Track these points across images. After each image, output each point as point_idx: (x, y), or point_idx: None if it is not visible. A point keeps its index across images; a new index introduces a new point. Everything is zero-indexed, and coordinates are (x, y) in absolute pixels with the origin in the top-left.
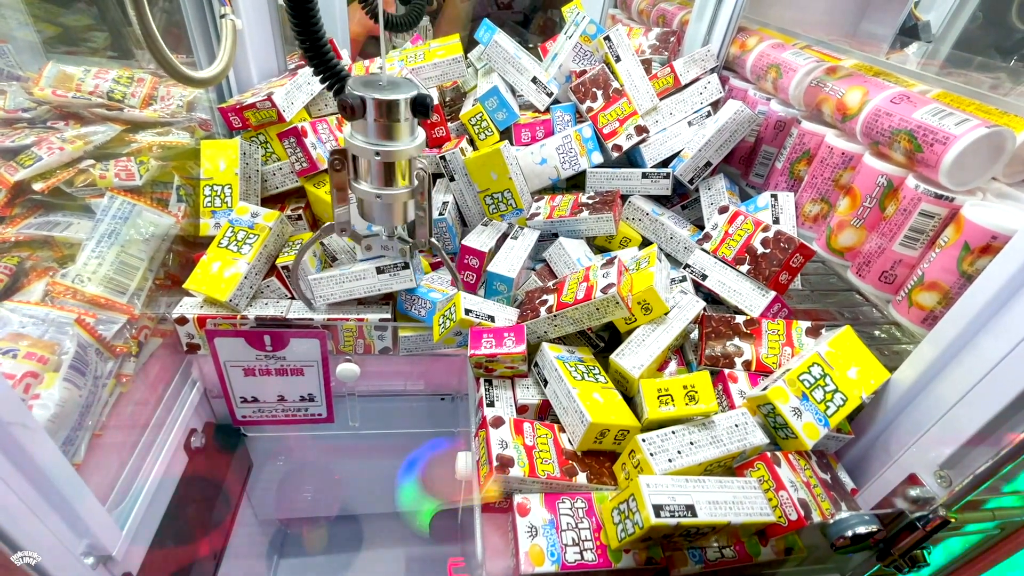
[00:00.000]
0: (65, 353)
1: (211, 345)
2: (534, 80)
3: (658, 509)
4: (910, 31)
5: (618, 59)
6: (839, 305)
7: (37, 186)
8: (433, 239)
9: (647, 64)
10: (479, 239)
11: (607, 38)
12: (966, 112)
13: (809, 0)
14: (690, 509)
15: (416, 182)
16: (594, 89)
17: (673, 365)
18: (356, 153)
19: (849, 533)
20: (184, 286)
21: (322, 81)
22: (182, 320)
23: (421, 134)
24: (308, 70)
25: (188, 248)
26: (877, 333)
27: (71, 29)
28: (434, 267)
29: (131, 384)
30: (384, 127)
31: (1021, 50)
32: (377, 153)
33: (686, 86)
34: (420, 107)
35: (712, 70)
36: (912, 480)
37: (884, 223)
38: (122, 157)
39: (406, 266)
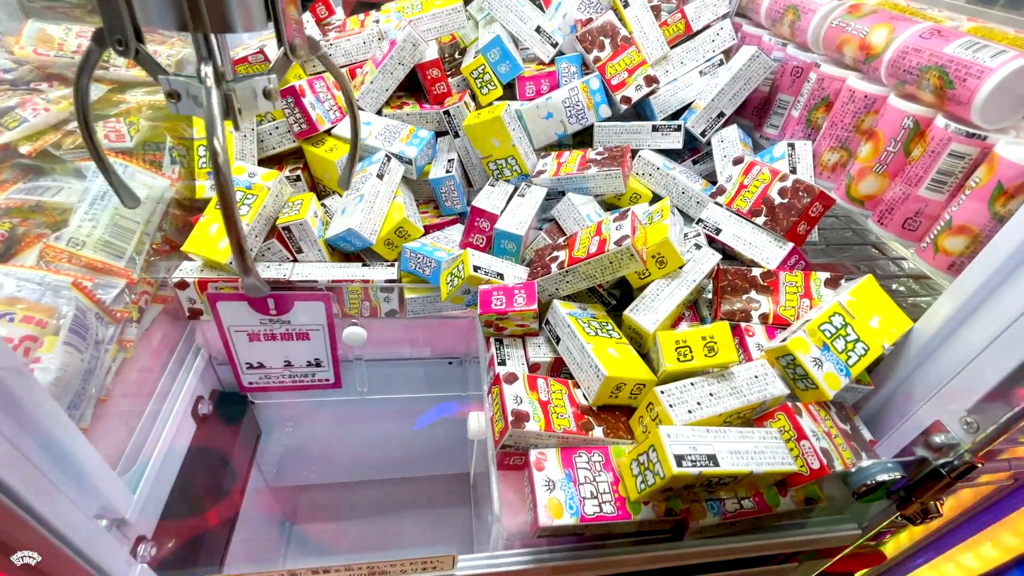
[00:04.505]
0: (63, 317)
1: (214, 310)
2: (538, 30)
3: (680, 459)
4: None
5: (626, 4)
6: (855, 259)
7: (24, 149)
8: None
9: (656, 10)
10: (489, 200)
11: None
12: (1002, 44)
13: None
14: (712, 459)
15: None
16: (601, 38)
17: (685, 325)
18: None
19: (872, 480)
20: (183, 248)
21: None
22: (182, 284)
23: None
24: None
25: (185, 212)
26: (895, 286)
27: None
28: (440, 227)
29: (134, 350)
30: None
31: None
32: None
33: (697, 33)
34: None
35: (724, 16)
36: (936, 428)
37: (909, 167)
38: (111, 118)
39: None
